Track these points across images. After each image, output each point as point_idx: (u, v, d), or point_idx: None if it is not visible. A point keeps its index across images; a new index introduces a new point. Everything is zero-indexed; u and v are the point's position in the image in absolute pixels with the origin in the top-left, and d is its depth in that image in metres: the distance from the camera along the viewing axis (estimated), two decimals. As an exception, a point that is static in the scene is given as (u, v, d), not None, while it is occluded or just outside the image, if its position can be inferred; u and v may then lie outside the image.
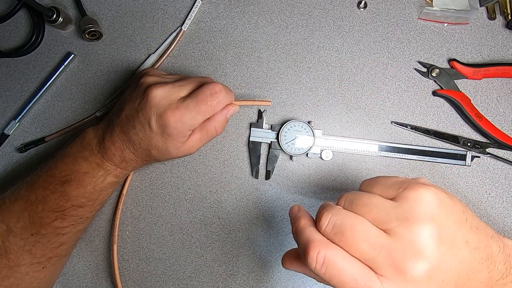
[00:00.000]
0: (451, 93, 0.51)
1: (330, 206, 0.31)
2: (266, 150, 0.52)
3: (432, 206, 0.29)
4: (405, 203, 0.29)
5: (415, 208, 0.29)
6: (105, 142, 0.44)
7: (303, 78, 0.53)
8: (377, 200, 0.31)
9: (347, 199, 0.32)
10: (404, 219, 0.28)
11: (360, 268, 0.28)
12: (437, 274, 0.28)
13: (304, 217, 0.33)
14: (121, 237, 0.52)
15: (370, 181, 0.33)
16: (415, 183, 0.31)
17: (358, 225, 0.29)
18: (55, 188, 0.43)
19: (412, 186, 0.30)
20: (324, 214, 0.31)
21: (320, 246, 0.29)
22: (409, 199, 0.30)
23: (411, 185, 0.30)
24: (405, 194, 0.30)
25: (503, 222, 0.51)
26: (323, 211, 0.31)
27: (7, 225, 0.43)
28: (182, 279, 0.52)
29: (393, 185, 0.31)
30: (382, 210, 0.30)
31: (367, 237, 0.28)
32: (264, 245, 0.52)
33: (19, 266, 0.43)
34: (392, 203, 0.30)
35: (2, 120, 0.53)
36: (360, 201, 0.31)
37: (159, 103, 0.42)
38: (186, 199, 0.52)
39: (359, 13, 0.53)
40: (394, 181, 0.32)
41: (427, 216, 0.28)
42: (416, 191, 0.30)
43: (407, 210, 0.29)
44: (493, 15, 0.52)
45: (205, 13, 0.54)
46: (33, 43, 0.53)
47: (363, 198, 0.31)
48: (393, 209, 0.29)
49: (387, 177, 0.33)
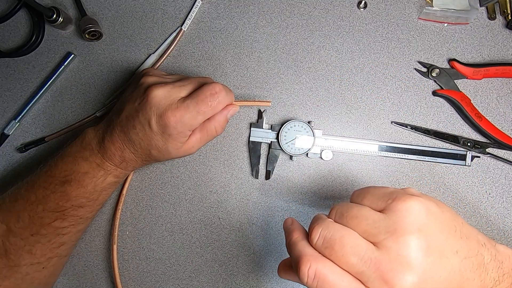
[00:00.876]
0: (451, 93, 0.51)
1: (321, 220, 0.32)
2: (266, 150, 0.52)
3: (420, 217, 0.29)
4: (394, 214, 0.30)
5: (403, 220, 0.29)
6: (105, 142, 0.44)
7: (303, 78, 0.53)
8: (367, 212, 0.31)
9: (337, 211, 0.32)
10: (392, 231, 0.29)
11: (350, 281, 0.29)
12: (426, 285, 0.28)
13: (296, 230, 0.33)
14: (121, 237, 0.52)
15: (360, 192, 0.34)
16: (403, 194, 0.31)
17: (347, 238, 0.29)
18: (55, 188, 0.43)
19: (400, 197, 0.30)
20: (315, 228, 0.31)
21: (311, 260, 0.29)
22: (397, 210, 0.30)
23: (399, 196, 0.31)
24: (393, 206, 0.30)
25: (503, 222, 0.51)
26: (314, 225, 0.31)
27: (7, 225, 0.43)
28: (182, 279, 0.52)
29: (382, 196, 0.31)
30: (371, 222, 0.30)
31: (357, 251, 0.29)
32: (264, 245, 0.52)
33: (19, 266, 0.43)
34: (381, 215, 0.30)
35: (2, 120, 0.53)
36: (350, 213, 0.31)
37: (159, 103, 0.42)
38: (186, 199, 0.52)
39: (359, 13, 0.53)
40: (383, 192, 0.32)
41: (414, 228, 0.29)
42: (404, 202, 0.30)
43: (395, 222, 0.29)
44: (493, 15, 0.52)
45: (205, 13, 0.54)
46: (33, 43, 0.53)
47: (353, 210, 0.31)
48: (381, 221, 0.30)
49: (376, 188, 0.33)
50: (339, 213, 0.32)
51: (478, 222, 0.51)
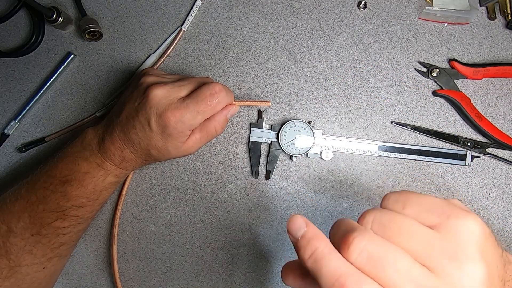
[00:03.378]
0: (451, 93, 0.51)
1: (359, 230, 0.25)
2: (266, 150, 0.52)
3: (482, 241, 0.25)
4: (451, 235, 0.25)
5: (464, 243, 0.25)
6: (105, 142, 0.44)
7: (303, 78, 0.53)
8: (416, 227, 0.25)
9: (376, 219, 0.26)
10: (452, 257, 0.24)
11: None
12: None
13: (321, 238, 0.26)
14: (121, 237, 0.52)
15: (399, 197, 0.28)
16: (459, 209, 0.26)
17: (400, 259, 0.24)
18: (55, 188, 0.43)
19: (457, 214, 0.26)
20: (356, 239, 0.24)
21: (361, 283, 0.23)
22: (456, 231, 0.25)
23: (456, 212, 0.26)
24: (450, 224, 0.25)
25: (503, 222, 0.51)
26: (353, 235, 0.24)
27: (8, 226, 0.43)
28: (182, 279, 0.52)
29: (432, 208, 0.26)
30: (424, 241, 0.25)
31: (411, 276, 0.24)
32: (264, 245, 0.52)
33: (19, 267, 0.43)
34: (435, 234, 0.25)
35: (2, 120, 0.53)
36: (394, 226, 0.25)
37: (159, 103, 0.42)
38: (186, 199, 0.52)
39: (359, 13, 0.53)
40: (432, 203, 0.27)
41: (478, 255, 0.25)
42: (463, 221, 0.25)
43: (456, 244, 0.25)
44: (493, 15, 0.52)
45: (205, 13, 0.54)
46: (33, 43, 0.53)
47: (398, 221, 0.26)
48: (438, 242, 0.25)
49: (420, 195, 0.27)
50: (378, 224, 0.26)
51: (478, 222, 0.51)
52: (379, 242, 0.24)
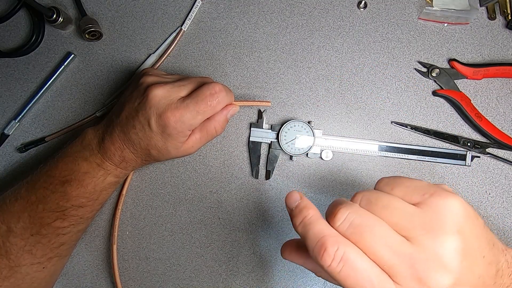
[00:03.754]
0: (451, 93, 0.51)
1: (346, 203, 0.29)
2: (266, 150, 0.52)
3: (460, 218, 0.27)
4: (431, 210, 0.27)
5: (442, 218, 0.27)
6: (105, 142, 0.44)
7: (303, 78, 0.53)
8: (399, 203, 0.28)
9: (364, 197, 0.29)
10: (429, 228, 0.26)
11: (379, 272, 0.26)
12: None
13: (311, 207, 0.30)
14: (121, 237, 0.52)
15: (389, 180, 0.31)
16: (442, 189, 0.28)
17: (378, 227, 0.27)
18: (55, 188, 0.43)
19: (439, 193, 0.28)
20: (341, 210, 0.28)
21: (339, 242, 0.26)
22: (435, 207, 0.27)
23: (438, 191, 0.28)
24: (431, 201, 0.28)
25: (503, 222, 0.51)
26: (339, 206, 0.28)
27: (8, 226, 0.43)
28: (182, 279, 0.52)
29: (417, 189, 0.29)
30: (404, 215, 0.27)
31: (389, 242, 0.26)
32: (264, 245, 0.52)
33: (19, 267, 0.43)
34: (416, 209, 0.27)
35: (2, 120, 0.53)
36: (380, 202, 0.28)
37: (158, 103, 0.42)
38: (186, 199, 0.52)
39: (359, 13, 0.53)
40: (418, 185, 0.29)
41: (454, 228, 0.27)
42: (444, 199, 0.28)
43: (433, 218, 0.27)
44: (493, 15, 0.52)
45: (205, 13, 0.54)
46: (33, 43, 0.53)
47: (384, 199, 0.28)
48: (417, 216, 0.27)
49: (409, 179, 0.30)
50: (366, 200, 0.29)
51: (478, 222, 0.51)
52: (361, 213, 0.28)
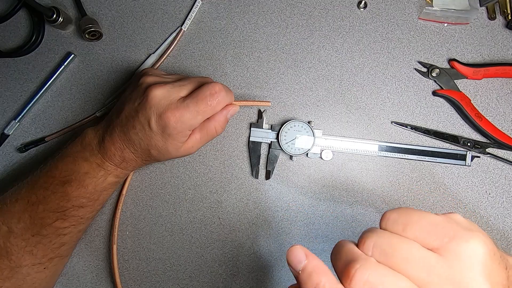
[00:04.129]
0: (451, 93, 0.51)
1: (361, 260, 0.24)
2: (266, 150, 0.52)
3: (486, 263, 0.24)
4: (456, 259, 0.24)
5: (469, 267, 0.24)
6: (105, 142, 0.44)
7: (303, 78, 0.53)
8: (418, 253, 0.24)
9: (376, 246, 0.25)
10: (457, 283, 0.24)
11: None
12: None
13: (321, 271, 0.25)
14: (121, 237, 0.52)
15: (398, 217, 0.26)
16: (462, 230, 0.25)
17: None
18: (55, 188, 0.43)
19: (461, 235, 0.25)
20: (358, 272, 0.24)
21: None
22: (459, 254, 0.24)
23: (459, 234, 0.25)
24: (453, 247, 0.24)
25: (503, 222, 0.51)
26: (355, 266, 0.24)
27: (8, 226, 0.43)
28: (182, 279, 0.52)
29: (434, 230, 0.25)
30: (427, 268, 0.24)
31: None
32: (264, 245, 0.52)
33: (20, 267, 0.43)
34: (438, 259, 0.24)
35: (2, 120, 0.53)
36: (397, 253, 0.24)
37: (159, 103, 0.42)
38: (186, 199, 0.52)
39: (359, 13, 0.53)
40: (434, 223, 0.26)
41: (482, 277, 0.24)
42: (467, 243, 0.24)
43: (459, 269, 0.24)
44: (493, 15, 0.52)
45: (205, 13, 0.54)
46: (33, 43, 0.53)
47: (400, 248, 0.25)
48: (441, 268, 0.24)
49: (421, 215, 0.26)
50: (379, 250, 0.25)
51: (478, 222, 0.51)
52: (382, 273, 0.24)
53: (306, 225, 0.52)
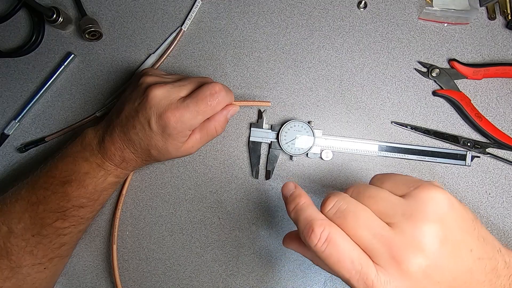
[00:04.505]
0: (451, 93, 0.51)
1: (337, 193, 0.32)
2: (266, 150, 0.52)
3: (443, 208, 0.29)
4: (414, 201, 0.29)
5: (424, 207, 0.29)
6: (105, 142, 0.44)
7: (303, 78, 0.53)
8: (385, 194, 0.31)
9: (355, 189, 0.32)
10: (409, 215, 0.28)
11: (359, 252, 0.29)
12: (434, 274, 0.27)
13: (304, 196, 0.33)
14: (121, 237, 0.52)
15: (381, 176, 0.33)
16: (429, 183, 0.30)
17: (361, 212, 0.30)
18: (55, 188, 0.43)
19: (425, 185, 0.30)
20: (330, 197, 0.31)
21: (325, 224, 0.29)
22: (419, 197, 0.29)
23: (424, 184, 0.30)
24: (416, 193, 0.30)
25: (503, 222, 0.51)
26: (330, 195, 0.31)
27: (8, 226, 0.43)
28: (182, 279, 0.52)
29: (405, 182, 0.31)
30: (388, 203, 0.30)
31: (369, 226, 0.29)
32: (264, 245, 0.52)
33: (20, 267, 0.43)
34: (400, 199, 0.30)
35: (2, 120, 0.53)
36: (367, 193, 0.31)
37: (159, 103, 0.42)
38: (186, 199, 0.52)
39: (359, 13, 0.53)
40: (407, 179, 0.31)
41: (435, 217, 0.28)
42: (428, 191, 0.29)
43: (415, 207, 0.29)
44: (493, 15, 0.52)
45: (205, 13, 0.54)
46: (33, 43, 0.53)
47: (371, 190, 0.31)
48: (400, 205, 0.29)
49: (400, 175, 0.33)
50: (356, 191, 0.32)
51: (478, 222, 0.51)
52: (348, 200, 0.31)
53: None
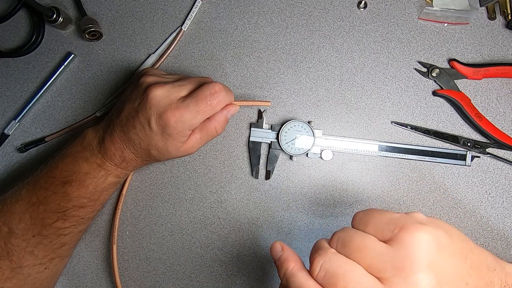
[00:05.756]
0: (451, 93, 0.51)
1: (322, 250, 0.30)
2: (266, 150, 0.52)
3: (430, 251, 0.27)
4: (401, 248, 0.28)
5: (411, 255, 0.27)
6: (105, 142, 0.44)
7: (303, 78, 0.53)
8: (371, 243, 0.29)
9: (339, 240, 0.30)
10: (400, 268, 0.27)
11: None
12: None
13: (291, 259, 0.31)
14: (121, 237, 0.52)
15: (363, 216, 0.31)
16: (411, 223, 0.29)
17: (351, 274, 0.28)
18: (56, 188, 0.43)
19: (407, 227, 0.28)
20: (316, 259, 0.29)
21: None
22: (404, 243, 0.28)
23: (406, 225, 0.28)
24: (400, 237, 0.28)
25: (503, 222, 0.51)
26: (315, 255, 0.29)
27: (9, 227, 0.43)
28: (182, 279, 0.52)
29: (388, 224, 0.29)
30: (376, 255, 0.28)
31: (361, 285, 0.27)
32: (264, 245, 0.52)
33: (21, 268, 0.43)
34: (387, 248, 0.28)
35: (2, 120, 0.53)
36: (353, 244, 0.29)
37: (159, 103, 0.42)
38: (186, 199, 0.52)
39: (359, 13, 0.53)
40: (389, 219, 0.30)
41: (424, 264, 0.27)
42: (411, 234, 0.28)
43: (403, 257, 0.27)
44: (493, 15, 0.52)
45: (205, 13, 0.54)
46: (33, 43, 0.53)
47: (356, 240, 0.29)
48: (388, 255, 0.28)
49: (381, 213, 0.31)
50: (341, 242, 0.30)
51: (478, 222, 0.51)
52: (335, 260, 0.29)
53: (306, 225, 0.52)
